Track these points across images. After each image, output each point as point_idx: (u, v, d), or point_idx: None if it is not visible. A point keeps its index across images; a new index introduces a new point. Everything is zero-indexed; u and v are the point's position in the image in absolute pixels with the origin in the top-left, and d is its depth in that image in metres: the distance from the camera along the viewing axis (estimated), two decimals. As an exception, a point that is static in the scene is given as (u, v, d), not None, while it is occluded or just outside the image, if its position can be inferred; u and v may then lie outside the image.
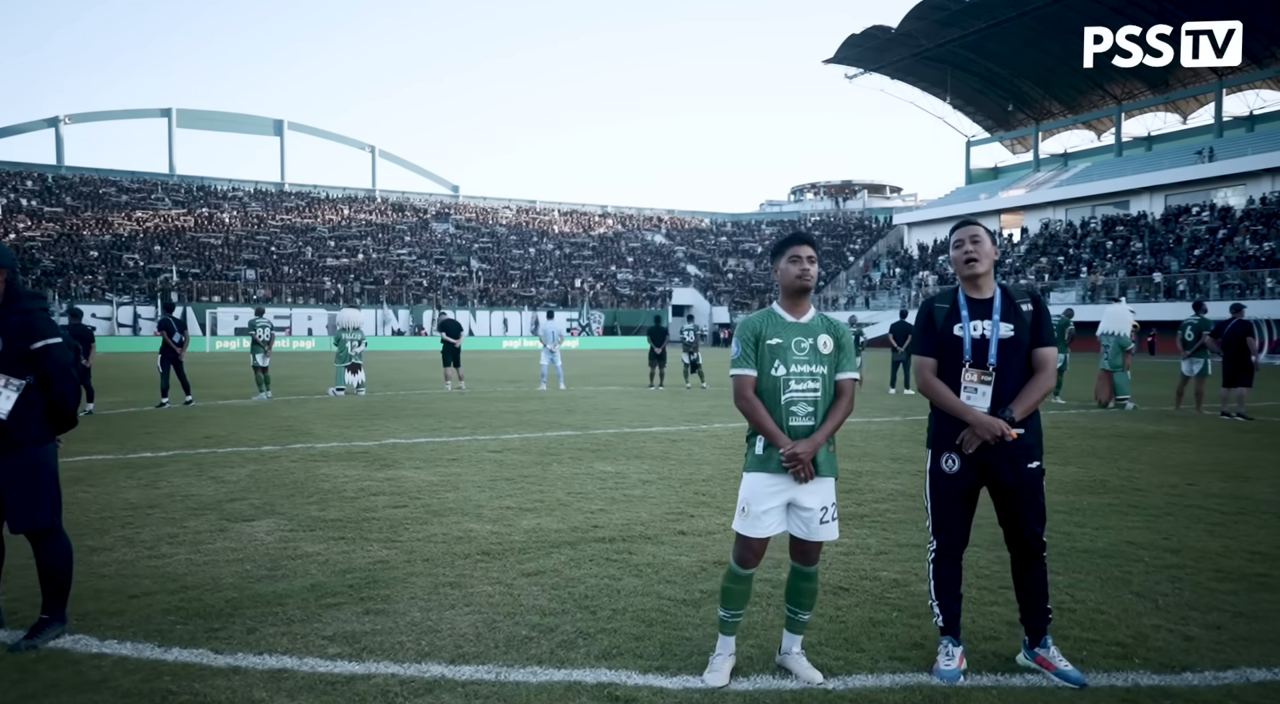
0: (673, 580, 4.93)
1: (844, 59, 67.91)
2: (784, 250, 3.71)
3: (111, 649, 3.97)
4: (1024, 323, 3.60)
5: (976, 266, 3.66)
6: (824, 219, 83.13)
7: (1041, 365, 3.62)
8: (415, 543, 5.82)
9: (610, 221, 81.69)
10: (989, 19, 57.50)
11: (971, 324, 3.66)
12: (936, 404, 3.70)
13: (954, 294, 3.77)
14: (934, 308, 3.77)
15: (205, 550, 5.67)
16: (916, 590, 4.72)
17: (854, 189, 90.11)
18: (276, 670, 3.72)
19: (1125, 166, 59.26)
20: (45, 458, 4.14)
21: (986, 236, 3.72)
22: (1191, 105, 61.95)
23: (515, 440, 11.05)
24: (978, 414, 3.53)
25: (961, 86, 68.33)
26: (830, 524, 3.65)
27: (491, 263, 68.99)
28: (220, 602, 4.61)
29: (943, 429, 3.68)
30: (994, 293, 3.69)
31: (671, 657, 3.83)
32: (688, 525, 6.30)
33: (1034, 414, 3.64)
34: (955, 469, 3.63)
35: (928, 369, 3.74)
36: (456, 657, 3.85)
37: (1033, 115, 69.03)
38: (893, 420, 13.65)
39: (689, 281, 72.17)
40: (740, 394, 3.63)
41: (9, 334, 4.03)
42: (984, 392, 3.58)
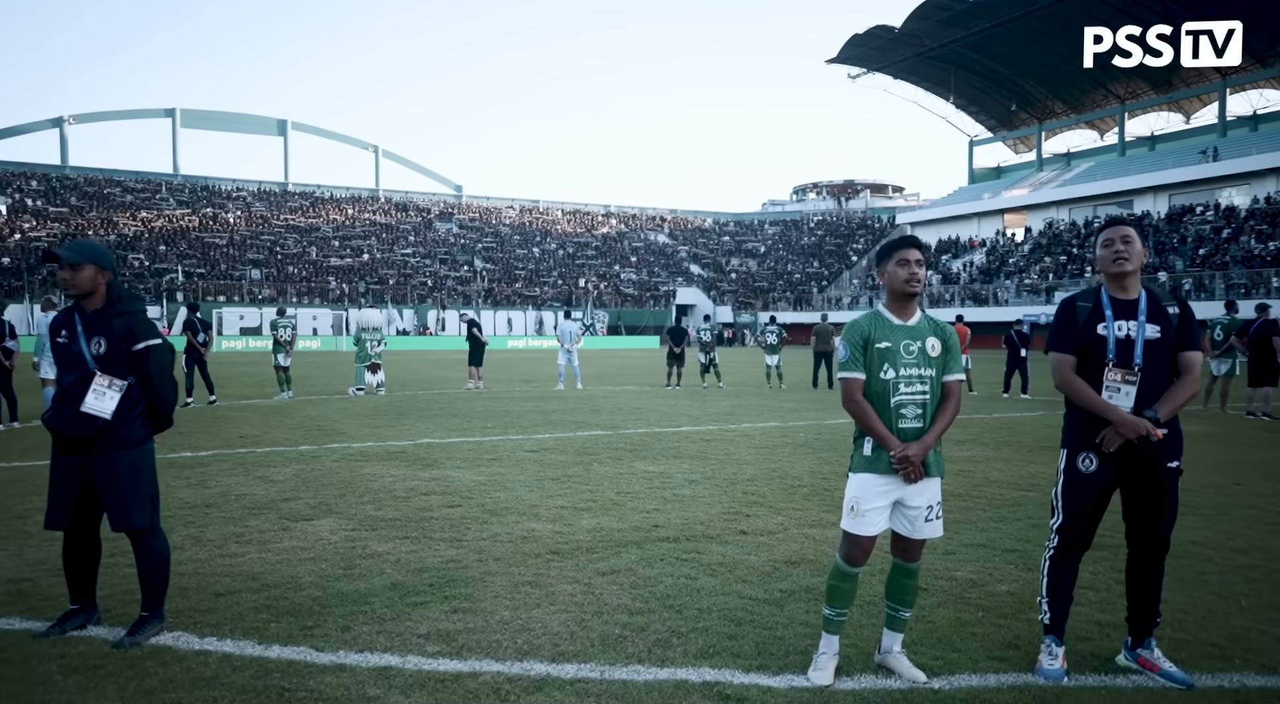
0: (749, 580, 4.98)
1: (847, 59, 68.01)
2: (892, 253, 3.73)
3: (213, 646, 4.02)
4: (1170, 325, 3.62)
5: (1125, 265, 3.65)
6: (826, 219, 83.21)
7: (1188, 368, 3.63)
8: (481, 542, 5.87)
9: (613, 221, 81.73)
10: (992, 19, 57.60)
11: (1116, 324, 3.65)
12: (1077, 402, 3.68)
13: (1096, 293, 3.75)
14: (1076, 306, 3.76)
15: (275, 549, 5.71)
16: (994, 591, 4.76)
17: (856, 189, 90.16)
18: (382, 668, 3.77)
19: (1129, 166, 59.38)
20: (145, 458, 4.19)
21: (1138, 237, 3.71)
22: (1195, 105, 62.05)
23: (549, 440, 11.09)
24: (1122, 413, 3.54)
25: (964, 86, 68.41)
26: (935, 522, 3.70)
27: (495, 262, 69.02)
28: (306, 600, 4.65)
29: (1082, 428, 3.67)
30: (1139, 294, 3.70)
31: (769, 656, 3.87)
32: (747, 525, 6.35)
33: (1174, 415, 3.65)
34: (1093, 469, 3.63)
35: (1067, 367, 3.72)
36: (556, 655, 3.90)
37: (1036, 115, 69.15)
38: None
39: (692, 281, 72.25)
40: (849, 397, 3.66)
41: (112, 335, 4.08)
42: (1127, 392, 3.58)
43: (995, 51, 62.37)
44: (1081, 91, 64.32)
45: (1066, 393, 3.73)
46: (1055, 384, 3.78)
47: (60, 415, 4.05)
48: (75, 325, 4.12)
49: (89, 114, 70.84)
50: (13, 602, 4.63)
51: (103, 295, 4.15)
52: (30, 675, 3.68)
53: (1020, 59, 62.57)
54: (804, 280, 72.27)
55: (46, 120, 68.64)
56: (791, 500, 7.28)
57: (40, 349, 12.74)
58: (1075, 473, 3.69)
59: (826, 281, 71.79)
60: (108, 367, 4.07)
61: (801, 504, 7.13)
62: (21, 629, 4.23)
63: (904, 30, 61.38)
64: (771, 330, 21.27)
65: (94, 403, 4.02)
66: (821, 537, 5.99)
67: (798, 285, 71.34)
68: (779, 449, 10.32)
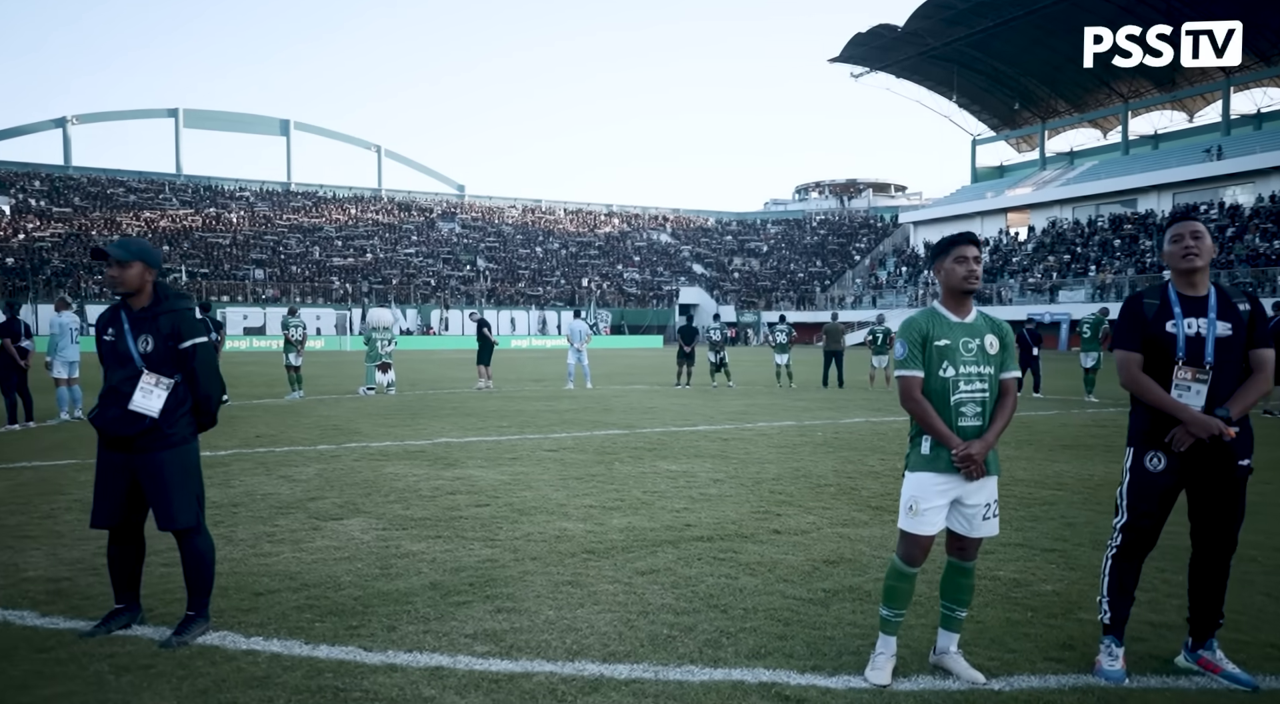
0: (790, 579, 4.96)
1: (850, 58, 67.92)
2: (949, 250, 3.69)
3: (260, 646, 4.00)
4: (1241, 322, 3.59)
5: (1195, 261, 3.60)
6: (829, 218, 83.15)
7: (1260, 366, 3.59)
8: (515, 541, 5.85)
9: (616, 221, 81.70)
10: (996, 18, 57.51)
11: (1186, 321, 3.60)
12: (1146, 401, 3.63)
13: (1163, 290, 3.71)
14: (1143, 303, 3.70)
15: (308, 548, 5.69)
16: (1039, 590, 4.74)
17: (859, 188, 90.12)
18: (433, 668, 3.74)
19: (1132, 165, 59.32)
20: (191, 456, 4.17)
21: (1207, 233, 3.66)
22: (1198, 103, 61.97)
23: (567, 439, 11.07)
24: (1193, 412, 3.49)
25: (967, 85, 68.32)
26: (992, 521, 3.67)
27: (498, 262, 68.99)
28: (347, 600, 4.63)
29: (1149, 427, 3.63)
30: (1209, 291, 3.65)
31: (821, 656, 3.85)
32: (779, 524, 6.33)
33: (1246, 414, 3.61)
34: (1161, 467, 3.58)
35: (1135, 365, 3.66)
36: (608, 655, 3.87)
37: (1039, 114, 69.07)
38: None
39: (695, 281, 72.20)
40: (909, 395, 3.62)
41: (159, 333, 4.06)
42: (1198, 390, 3.53)
43: (998, 50, 62.28)
44: (1085, 90, 64.23)
45: (1134, 391, 3.67)
46: (1122, 382, 3.72)
47: (108, 413, 4.03)
48: (122, 323, 4.10)
49: (92, 114, 70.83)
50: (53, 601, 4.61)
51: (150, 293, 4.13)
52: (82, 675, 3.67)
53: (1023, 58, 62.49)
54: (807, 280, 72.23)
55: (50, 120, 68.62)
56: (819, 499, 7.26)
57: (53, 349, 12.75)
58: (1143, 472, 3.64)
59: (829, 281, 71.73)
60: (155, 364, 4.05)
61: (830, 503, 7.11)
62: (66, 628, 4.21)
63: (907, 29, 61.29)
64: (781, 329, 21.24)
65: (141, 401, 4.00)
66: (856, 536, 5.97)
67: (800, 285, 71.29)
68: (799, 448, 10.29)
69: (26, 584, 4.89)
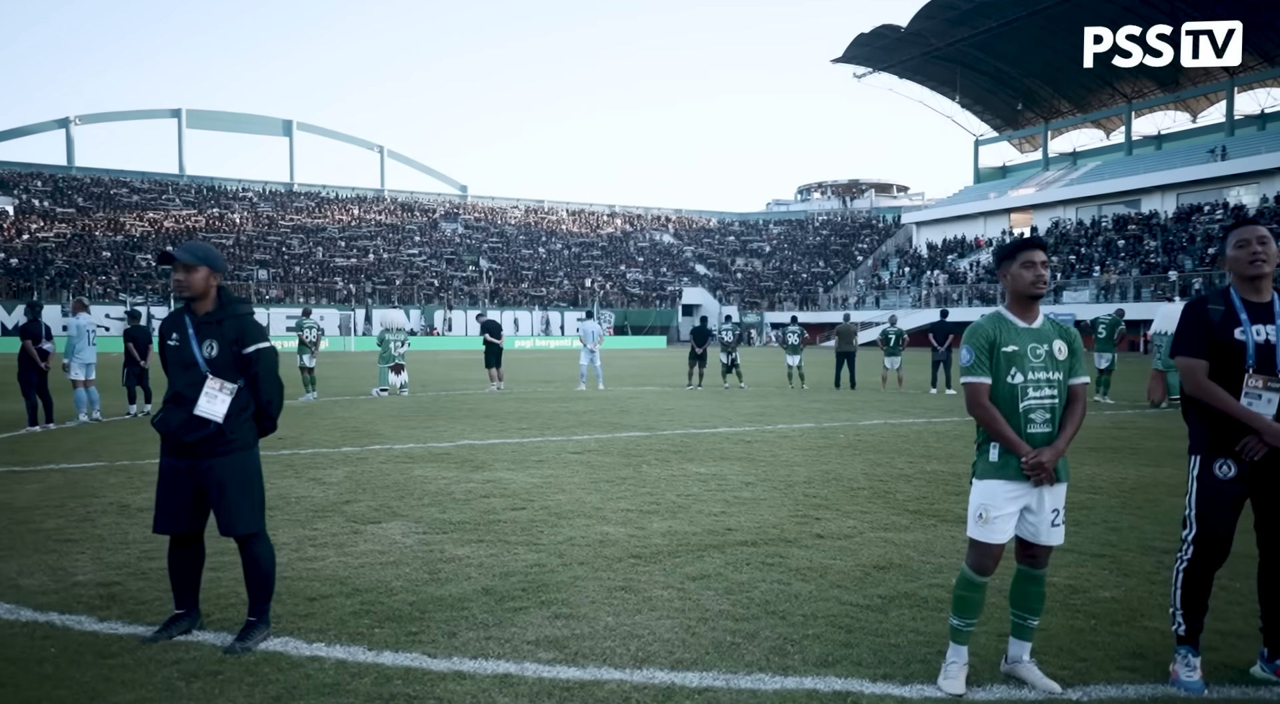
0: (843, 585, 4.94)
1: (853, 58, 67.91)
2: (1016, 255, 3.65)
3: (323, 652, 3.99)
4: None
5: (1264, 267, 3.56)
6: (831, 218, 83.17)
7: None
8: (558, 546, 5.83)
9: (618, 221, 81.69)
10: (999, 18, 57.49)
11: (1254, 328, 3.56)
12: (1216, 408, 3.57)
13: (1226, 295, 3.66)
14: (1208, 309, 3.66)
15: (352, 553, 5.68)
16: (1097, 596, 4.71)
17: (861, 188, 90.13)
18: (501, 675, 3.73)
19: (1136, 165, 59.31)
20: (254, 462, 4.16)
21: (1272, 238, 3.62)
22: (1202, 104, 62.00)
23: (590, 442, 11.06)
24: (1268, 421, 3.45)
25: (970, 85, 68.34)
26: (1060, 528, 3.64)
27: (501, 262, 68.97)
28: (401, 605, 4.61)
29: (1217, 434, 3.58)
30: (1273, 297, 3.61)
31: (890, 664, 3.83)
32: (820, 528, 6.31)
33: None
34: (1231, 474, 3.55)
35: (1201, 372, 3.61)
36: (675, 663, 3.86)
37: (1042, 114, 69.07)
38: (950, 420, 13.66)
39: (698, 281, 72.19)
40: (976, 402, 3.59)
41: (224, 338, 4.05)
42: (1269, 399, 3.49)
43: (1001, 51, 62.29)
44: (1088, 91, 64.25)
45: (1202, 399, 3.62)
46: (1187, 390, 3.68)
47: (172, 418, 4.02)
48: (186, 328, 4.09)
49: (95, 114, 70.85)
50: (108, 606, 4.60)
51: (214, 298, 4.12)
52: (151, 681, 3.65)
53: (1026, 58, 62.49)
54: (810, 280, 72.24)
55: (53, 121, 68.59)
56: (855, 503, 7.24)
57: (70, 351, 12.74)
58: (1212, 480, 3.59)
59: (832, 281, 71.76)
60: (219, 369, 4.04)
61: (866, 507, 7.09)
62: (126, 633, 4.19)
63: (910, 30, 61.28)
64: (793, 331, 21.22)
65: (206, 406, 3.98)
66: (900, 541, 5.95)
67: (804, 285, 71.29)
68: (824, 451, 10.28)
69: (78, 588, 4.88)
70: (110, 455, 9.75)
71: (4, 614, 4.46)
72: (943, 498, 7.42)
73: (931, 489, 7.81)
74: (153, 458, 9.50)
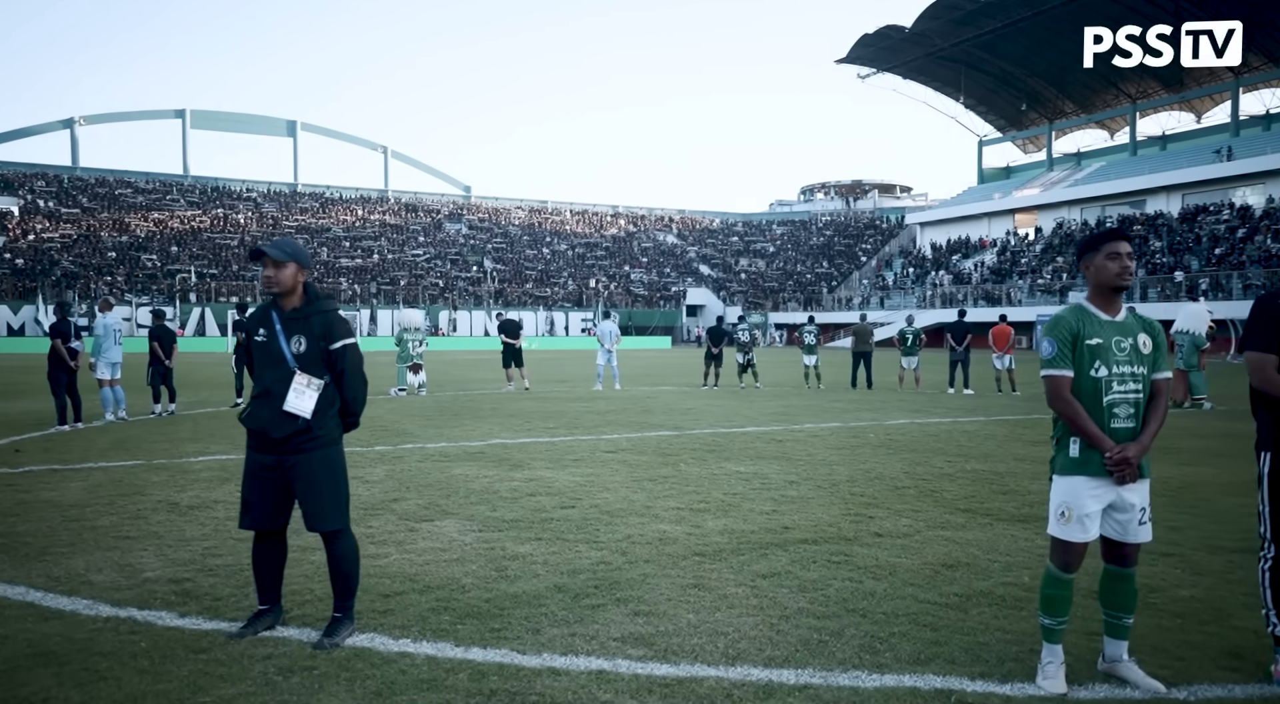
0: (915, 583, 4.93)
1: (857, 59, 67.96)
2: (1100, 246, 3.63)
3: (410, 648, 3.98)
4: None
5: None
6: (835, 219, 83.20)
7: None
8: (618, 544, 5.82)
9: (622, 222, 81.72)
10: (1004, 18, 57.56)
11: None
12: None
13: None
14: (1277, 303, 3.63)
15: (413, 550, 5.67)
16: (1176, 596, 4.69)
17: (864, 189, 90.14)
18: (596, 672, 3.72)
19: (1141, 166, 59.34)
20: (340, 457, 4.15)
21: None
22: (1206, 104, 62.03)
23: (620, 440, 11.05)
24: None
25: (975, 86, 68.40)
26: (1147, 525, 3.62)
27: (505, 263, 68.98)
28: (477, 602, 4.61)
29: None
30: None
31: (983, 663, 3.81)
32: (876, 527, 6.30)
33: None
34: None
35: (1270, 366, 3.60)
36: (768, 660, 3.84)
37: (1046, 114, 69.11)
38: (976, 420, 13.65)
39: (702, 281, 72.22)
40: (1058, 395, 3.57)
41: (311, 333, 4.05)
42: None
43: (1006, 51, 62.36)
44: (1092, 91, 64.30)
45: (1272, 394, 3.60)
46: (1256, 384, 3.65)
47: (261, 414, 4.01)
48: (273, 324, 4.09)
49: (99, 115, 70.85)
50: (185, 602, 4.59)
51: (300, 294, 4.11)
52: (248, 676, 3.64)
53: (1031, 58, 62.55)
54: (814, 281, 72.27)
55: (57, 121, 68.63)
56: (904, 502, 7.24)
57: (97, 350, 12.74)
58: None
59: (836, 282, 71.79)
60: (306, 365, 4.03)
61: (916, 505, 7.08)
62: (210, 629, 4.19)
63: (914, 30, 61.33)
64: (810, 330, 21.23)
65: (295, 401, 3.98)
66: (960, 539, 5.94)
67: (807, 286, 71.32)
68: (858, 450, 10.27)
69: (150, 585, 4.87)
70: (146, 454, 9.73)
71: (83, 610, 4.45)
72: (991, 497, 7.41)
73: (977, 488, 7.81)
74: (190, 456, 9.54)
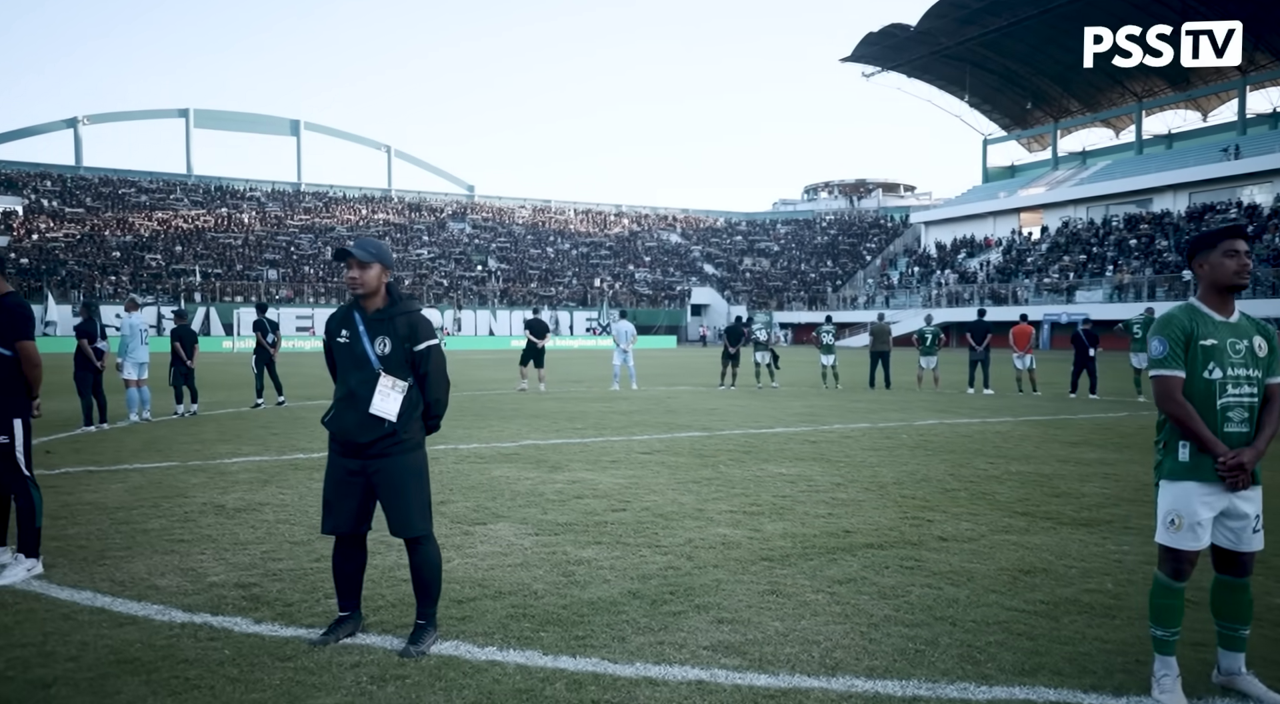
0: (996, 590, 4.82)
1: (861, 57, 67.83)
2: (1216, 243, 3.52)
3: (497, 656, 3.89)
4: None
5: None
6: (839, 218, 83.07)
7: None
8: (681, 548, 5.73)
9: (625, 221, 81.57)
10: (1009, 17, 57.42)
11: None
12: None
13: None
14: None
15: (474, 554, 5.58)
16: (1271, 604, 4.57)
17: (868, 188, 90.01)
18: (695, 682, 3.63)
19: (1147, 164, 59.23)
20: (424, 462, 4.06)
21: None
22: (1213, 102, 61.90)
23: (653, 442, 10.95)
24: None
25: (980, 84, 68.25)
26: (1260, 533, 3.53)
27: (510, 262, 68.84)
28: (554, 608, 4.51)
29: None
30: None
31: (1093, 675, 3.69)
32: (939, 531, 6.20)
33: None
34: None
35: None
36: (868, 670, 3.75)
37: (1051, 113, 69.00)
38: (1005, 420, 13.54)
39: (706, 280, 72.07)
40: (1169, 396, 3.47)
41: (396, 335, 3.95)
42: None
43: (1011, 49, 62.22)
44: (1098, 89, 64.15)
45: None
46: None
47: (346, 418, 3.92)
48: (357, 325, 3.99)
49: (103, 114, 70.58)
50: (257, 607, 4.49)
51: (384, 295, 4.02)
52: (341, 684, 3.56)
53: (1036, 57, 62.44)
54: (818, 280, 72.16)
55: (61, 121, 68.35)
56: (958, 504, 7.14)
57: (124, 350, 12.64)
58: None
59: (841, 281, 71.68)
60: (391, 367, 3.94)
61: (971, 508, 6.99)
62: (289, 635, 4.10)
63: (919, 29, 61.20)
64: (827, 330, 21.14)
65: (380, 404, 3.89)
66: (1028, 544, 5.84)
67: (812, 285, 71.23)
68: (895, 451, 10.17)
69: (217, 590, 4.77)
70: (179, 455, 9.63)
71: (155, 615, 4.36)
72: (1045, 499, 7.31)
73: (1028, 490, 7.71)
74: (223, 458, 9.44)
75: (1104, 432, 11.93)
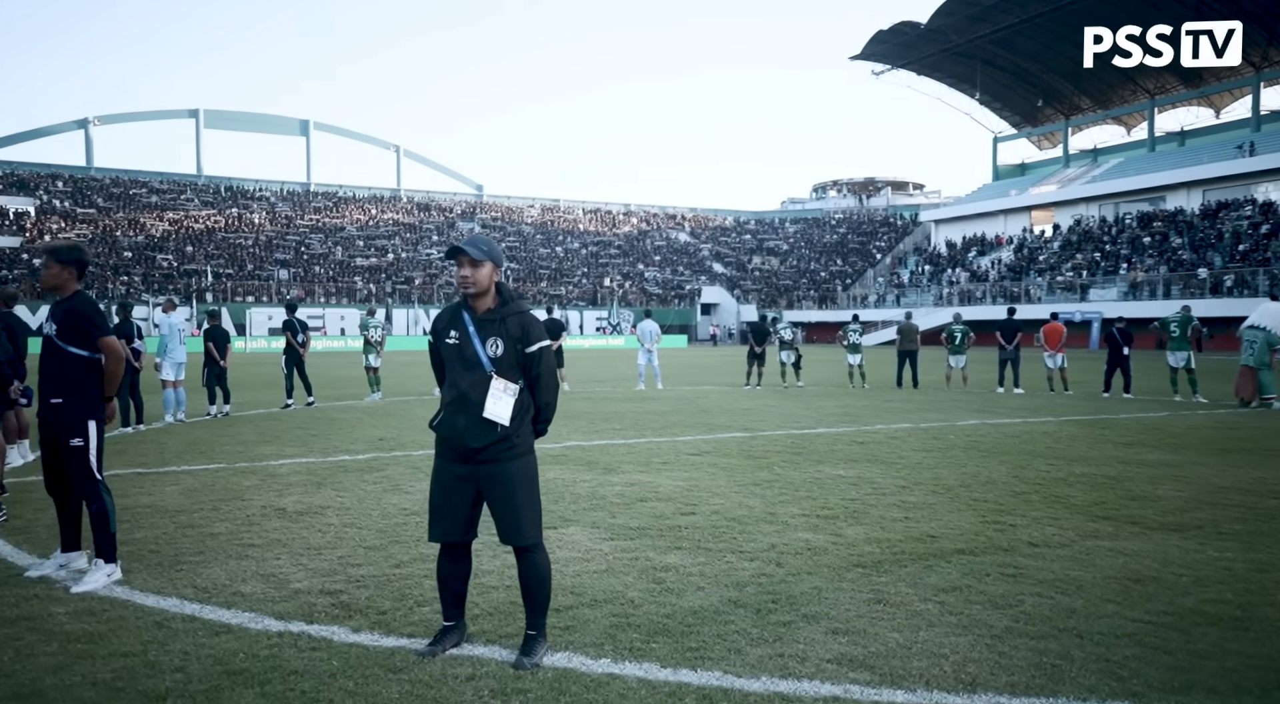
0: (1111, 600, 4.62)
1: (871, 55, 67.59)
2: None
3: (614, 668, 3.72)
4: None
5: None
6: (848, 216, 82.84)
7: None
8: (766, 554, 5.56)
9: (634, 220, 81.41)
10: (1020, 14, 57.13)
11: None
12: None
13: None
14: None
15: (555, 560, 5.30)
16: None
17: (877, 186, 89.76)
18: (830, 698, 3.46)
19: (1160, 162, 58.94)
20: (535, 467, 3.90)
21: None
22: (1226, 99, 61.58)
23: (698, 443, 10.78)
24: None
25: (990, 82, 67.97)
26: None
27: (519, 262, 68.68)
28: (656, 617, 4.35)
29: None
30: None
31: (1250, 694, 3.49)
32: (1024, 536, 6.02)
33: None
34: None
35: None
36: (1009, 687, 3.57)
37: (1062, 111, 68.69)
38: (1048, 420, 13.34)
39: (716, 279, 71.91)
40: None
41: (508, 335, 3.78)
42: None
43: (1022, 47, 61.93)
44: (1109, 87, 63.86)
45: None
46: None
47: (456, 422, 3.75)
48: (466, 326, 3.83)
49: (114, 115, 70.55)
50: (351, 616, 4.34)
51: (494, 295, 3.85)
52: (460, 699, 3.40)
53: (1047, 54, 62.08)
54: (828, 279, 71.94)
55: (72, 121, 68.36)
56: (1033, 508, 6.96)
57: (162, 350, 12.50)
58: None
59: (851, 280, 71.45)
60: (503, 369, 3.77)
61: (1050, 512, 6.80)
62: (393, 646, 3.95)
63: (930, 26, 60.97)
64: (854, 329, 20.95)
65: (493, 407, 3.72)
66: (1125, 550, 5.66)
67: (821, 284, 71.01)
68: (947, 452, 9.99)
69: (304, 597, 4.62)
70: (224, 457, 9.48)
71: (249, 623, 4.21)
72: (1122, 503, 7.13)
73: (1101, 493, 7.52)
74: (269, 459, 9.30)
75: (1153, 432, 11.73)
